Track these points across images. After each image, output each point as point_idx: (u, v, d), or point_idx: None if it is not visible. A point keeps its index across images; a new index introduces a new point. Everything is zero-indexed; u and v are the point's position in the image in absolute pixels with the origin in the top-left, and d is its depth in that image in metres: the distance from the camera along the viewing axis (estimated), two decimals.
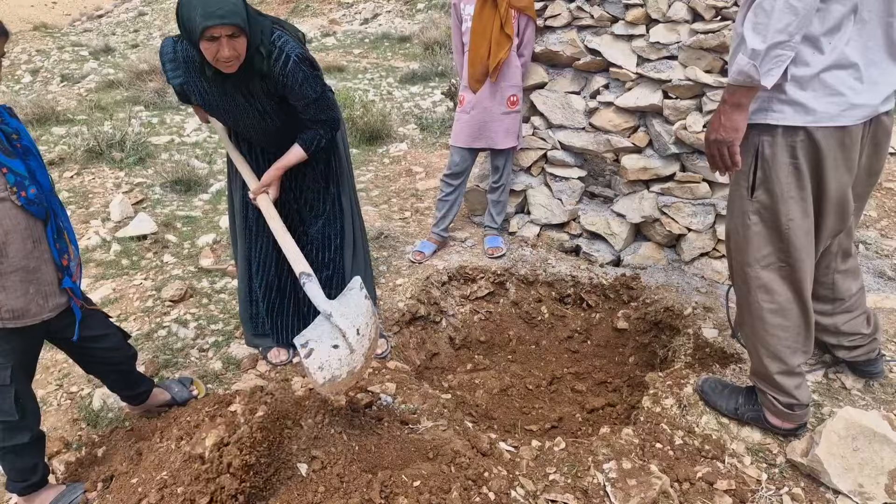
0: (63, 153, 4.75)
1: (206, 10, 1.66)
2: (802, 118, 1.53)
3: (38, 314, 1.57)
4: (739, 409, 1.95)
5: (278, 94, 1.97)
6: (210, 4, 1.67)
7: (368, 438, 1.79)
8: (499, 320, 3.11)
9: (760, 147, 1.60)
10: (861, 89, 1.51)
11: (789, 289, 1.73)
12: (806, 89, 1.51)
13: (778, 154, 1.58)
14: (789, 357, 1.77)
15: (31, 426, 1.65)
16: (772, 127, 1.58)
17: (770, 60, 1.42)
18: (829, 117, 1.52)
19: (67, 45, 12.14)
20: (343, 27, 16.02)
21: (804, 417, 1.84)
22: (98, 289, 2.93)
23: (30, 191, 1.52)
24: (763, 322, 1.76)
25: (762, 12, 1.39)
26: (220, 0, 1.69)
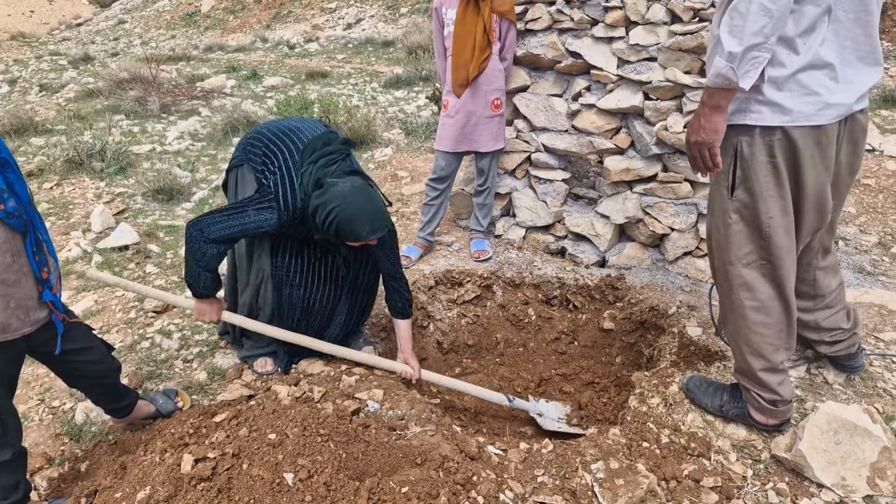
0: (42, 164, 4.69)
1: (375, 226, 1.97)
2: (779, 118, 1.55)
3: (18, 329, 1.55)
4: (724, 406, 1.96)
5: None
6: (376, 221, 1.97)
7: (355, 446, 1.78)
8: (486, 323, 3.12)
9: (739, 147, 1.62)
10: (836, 89, 1.53)
11: (771, 286, 1.75)
12: (782, 90, 1.53)
13: (756, 153, 1.60)
14: (772, 354, 1.79)
15: (12, 443, 1.62)
16: (749, 127, 1.59)
17: (747, 62, 1.44)
18: (805, 117, 1.54)
19: (46, 55, 12.00)
20: (326, 32, 16.00)
21: (788, 413, 1.86)
22: (80, 301, 2.89)
23: (8, 204, 1.49)
24: (745, 320, 1.78)
25: (738, 15, 1.41)
26: (381, 215, 2.00)
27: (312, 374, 2.38)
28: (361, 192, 1.98)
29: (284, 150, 2.10)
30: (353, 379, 2.34)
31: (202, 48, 14.25)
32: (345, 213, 1.92)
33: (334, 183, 1.97)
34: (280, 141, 2.13)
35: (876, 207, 3.83)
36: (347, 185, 1.97)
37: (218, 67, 10.67)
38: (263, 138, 2.17)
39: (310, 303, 2.31)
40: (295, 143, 2.11)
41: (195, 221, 2.00)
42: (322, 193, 1.95)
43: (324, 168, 2.03)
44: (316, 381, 2.32)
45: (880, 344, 2.30)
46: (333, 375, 2.37)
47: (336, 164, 2.06)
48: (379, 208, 2.01)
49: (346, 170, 2.08)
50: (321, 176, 2.01)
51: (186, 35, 20.07)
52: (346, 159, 2.13)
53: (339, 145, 2.15)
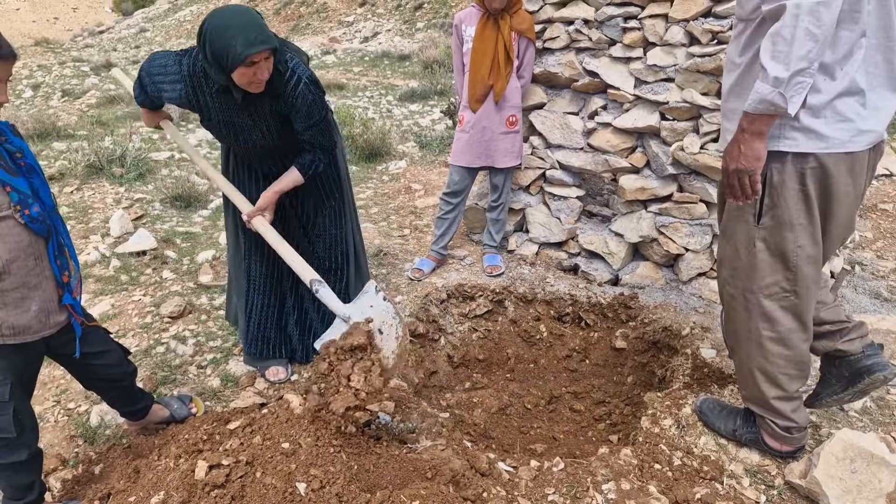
0: (63, 168, 4.77)
1: (248, 38, 1.75)
2: (815, 144, 1.54)
3: (38, 331, 1.58)
4: (738, 430, 1.95)
5: (284, 113, 2.01)
6: (250, 32, 1.76)
7: (367, 458, 1.79)
8: (497, 339, 3.11)
9: (769, 174, 1.60)
10: (866, 115, 1.54)
11: (792, 319, 1.72)
12: (819, 116, 1.52)
13: (787, 181, 1.59)
14: (787, 383, 1.77)
15: (29, 443, 1.65)
16: (782, 154, 1.58)
17: (793, 87, 1.42)
18: (841, 143, 1.54)
19: (69, 61, 12.25)
20: (343, 45, 16.21)
21: (802, 440, 1.84)
22: (97, 304, 2.93)
23: (33, 209, 1.53)
24: (762, 349, 1.76)
25: (782, 40, 1.39)
26: (257, 28, 1.78)
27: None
28: (235, 7, 1.84)
29: None
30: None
31: None
32: (214, 24, 1.78)
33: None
34: None
35: (893, 233, 3.80)
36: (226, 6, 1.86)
37: None
38: None
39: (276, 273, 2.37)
40: None
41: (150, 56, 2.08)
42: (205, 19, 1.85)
43: None
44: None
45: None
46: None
47: None
48: (254, 20, 1.80)
49: None
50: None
51: None
52: None
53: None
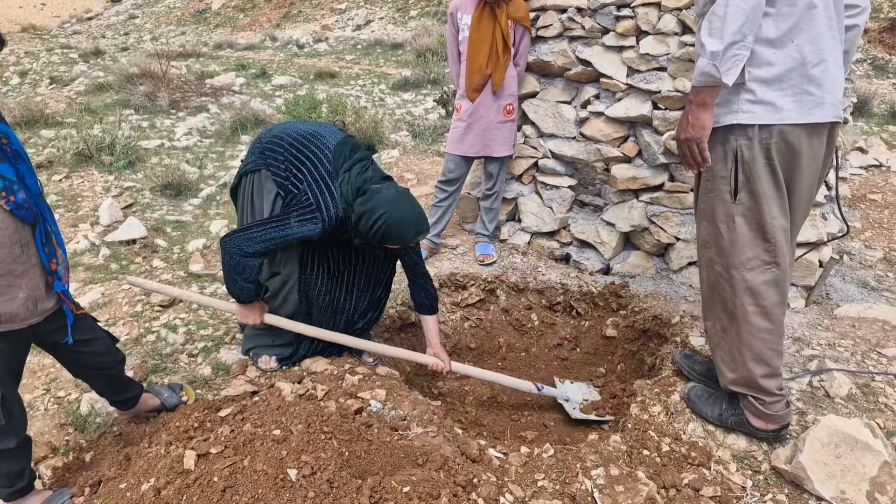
0: (52, 156, 4.72)
1: (420, 229, 2.04)
2: (773, 116, 1.60)
3: (26, 318, 1.57)
4: (723, 414, 1.98)
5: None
6: (421, 224, 2.04)
7: (358, 444, 1.80)
8: (489, 327, 3.13)
9: (739, 151, 1.67)
10: (820, 86, 1.60)
11: (775, 292, 1.77)
12: (773, 88, 1.59)
13: (756, 156, 1.65)
14: (773, 359, 1.81)
15: (17, 431, 1.64)
16: (746, 127, 1.64)
17: (728, 60, 1.53)
18: (798, 115, 1.60)
19: (56, 48, 12.07)
20: (335, 33, 16.06)
21: (787, 417, 1.87)
22: (87, 293, 2.91)
23: (19, 195, 1.51)
24: (749, 325, 1.80)
25: (716, 18, 1.52)
26: (425, 218, 2.07)
27: (316, 371, 2.39)
28: (406, 198, 2.03)
29: (312, 158, 2.08)
30: (356, 378, 2.35)
31: (212, 45, 14.32)
32: (392, 218, 1.96)
33: (378, 190, 2.00)
34: (304, 147, 2.11)
35: (882, 223, 3.83)
36: (392, 191, 2.01)
37: (227, 65, 10.72)
38: (284, 143, 2.14)
39: (335, 304, 2.35)
40: (321, 150, 2.10)
41: (231, 237, 2.00)
42: (367, 200, 1.98)
43: (360, 175, 2.05)
44: (319, 379, 2.33)
45: (883, 360, 2.30)
46: (336, 374, 2.38)
47: (368, 170, 2.09)
48: (422, 213, 2.06)
49: (381, 175, 2.12)
50: (360, 183, 2.03)
51: (196, 32, 20.16)
52: (373, 164, 2.16)
53: (366, 151, 2.18)
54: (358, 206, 1.99)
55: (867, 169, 4.94)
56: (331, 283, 2.31)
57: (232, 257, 1.99)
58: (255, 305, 2.17)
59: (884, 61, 9.57)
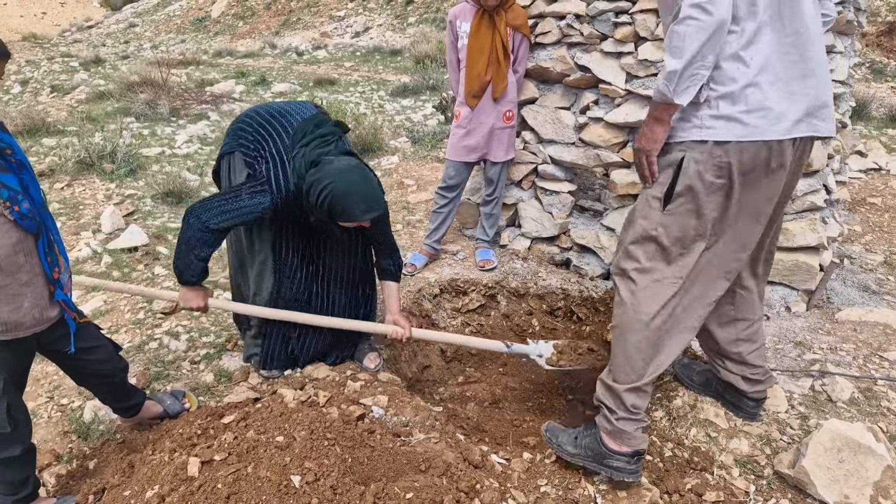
0: (53, 164, 4.74)
1: (369, 206, 1.95)
2: (734, 132, 1.54)
3: (31, 327, 1.57)
4: (578, 436, 1.89)
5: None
6: (371, 200, 1.95)
7: (361, 451, 1.80)
8: (490, 333, 3.13)
9: (683, 162, 1.60)
10: (781, 102, 1.54)
11: (674, 308, 1.68)
12: (736, 103, 1.54)
13: (701, 170, 1.58)
14: (640, 373, 1.73)
15: (22, 438, 1.65)
16: (701, 143, 1.57)
17: (686, 80, 1.50)
18: (760, 131, 1.54)
19: (57, 56, 12.13)
20: (334, 40, 16.13)
21: (641, 444, 1.77)
22: (89, 301, 2.92)
23: (23, 205, 1.52)
24: (634, 333, 1.72)
25: (677, 36, 1.48)
26: (375, 195, 1.98)
27: (318, 378, 2.40)
28: (357, 171, 1.96)
29: (275, 135, 2.08)
30: (357, 385, 2.35)
31: (211, 53, 14.38)
32: (338, 189, 1.89)
33: (330, 161, 1.95)
34: (270, 126, 2.11)
35: (882, 226, 3.84)
36: (343, 162, 1.96)
37: (227, 72, 10.77)
38: (254, 122, 2.15)
39: (310, 296, 2.33)
40: (285, 128, 2.09)
41: (193, 208, 2.00)
42: (317, 171, 1.93)
43: (317, 149, 2.01)
44: (321, 385, 2.33)
45: (885, 363, 2.30)
46: (338, 380, 2.38)
47: (329, 145, 2.04)
48: (374, 188, 1.98)
49: (342, 150, 2.07)
50: (315, 157, 1.99)
51: (196, 40, 20.26)
52: (339, 141, 2.11)
53: (332, 127, 2.12)
54: (309, 177, 1.95)
55: (866, 172, 4.95)
56: (305, 274, 2.28)
57: (190, 228, 1.97)
58: (198, 290, 2.13)
59: (882, 65, 9.61)
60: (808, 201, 2.67)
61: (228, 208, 1.98)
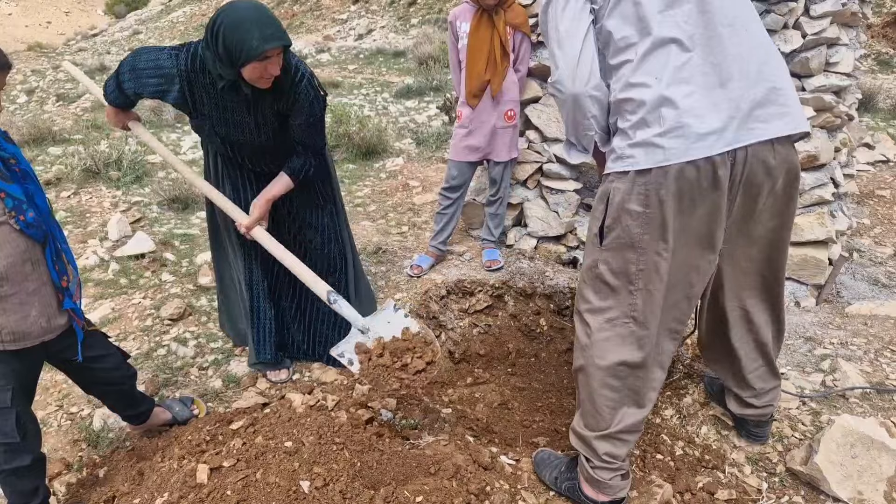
0: (60, 173, 4.76)
1: (264, 33, 1.75)
2: (653, 158, 1.42)
3: (39, 336, 1.58)
4: (559, 477, 1.83)
5: (284, 111, 2.01)
6: (265, 27, 1.77)
7: (370, 454, 1.79)
8: (498, 333, 3.12)
9: (611, 195, 1.51)
10: (708, 115, 1.39)
11: (630, 349, 1.58)
12: (651, 126, 1.42)
13: (627, 201, 1.47)
14: (608, 420, 1.65)
15: (32, 448, 1.65)
16: (622, 173, 1.48)
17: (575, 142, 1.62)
18: (680, 152, 1.39)
19: (62, 65, 12.18)
20: (337, 43, 16.15)
21: (620, 492, 1.70)
22: (97, 308, 2.93)
23: (28, 214, 1.53)
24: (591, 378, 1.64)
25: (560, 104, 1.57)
26: (271, 22, 1.80)
27: (326, 382, 2.40)
28: (251, 2, 1.83)
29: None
30: (366, 388, 2.35)
31: None
32: (229, 18, 1.77)
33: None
34: None
35: (891, 219, 3.80)
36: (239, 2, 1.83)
37: None
38: None
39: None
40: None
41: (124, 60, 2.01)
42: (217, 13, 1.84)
43: None
44: (329, 389, 2.33)
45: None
46: (347, 384, 2.38)
47: None
48: (269, 15, 1.81)
49: None
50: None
51: None
52: None
53: None
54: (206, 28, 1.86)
55: (874, 165, 4.90)
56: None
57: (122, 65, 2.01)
58: (120, 112, 2.17)
59: (888, 56, 9.52)
60: (816, 195, 2.65)
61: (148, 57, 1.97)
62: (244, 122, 2.03)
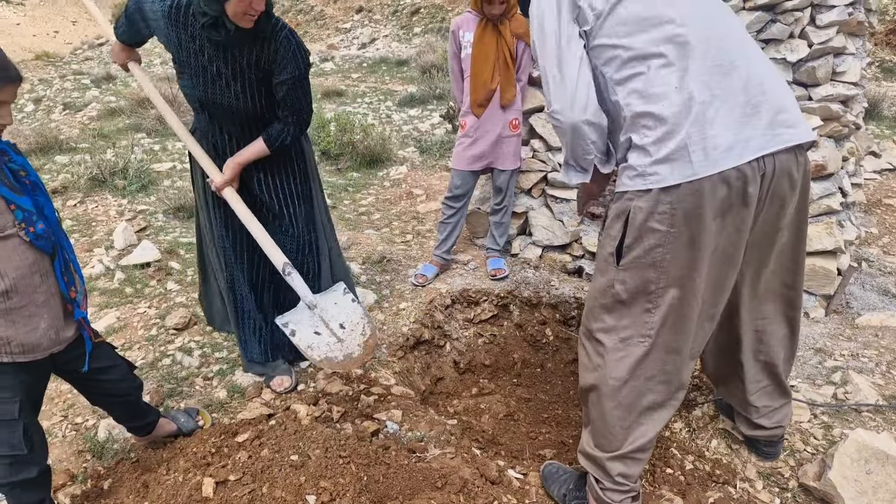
0: (66, 181, 4.78)
1: None
2: (681, 173, 1.37)
3: (48, 348, 1.58)
4: (567, 495, 1.80)
5: (264, 67, 1.99)
6: None
7: (376, 468, 1.78)
8: (503, 343, 3.10)
9: (631, 213, 1.47)
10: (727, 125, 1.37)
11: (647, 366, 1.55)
12: (673, 139, 1.37)
13: (650, 220, 1.43)
14: (621, 440, 1.62)
15: (38, 460, 1.64)
16: (644, 192, 1.43)
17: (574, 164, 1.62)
18: (710, 164, 1.35)
19: (69, 74, 12.28)
20: (341, 52, 16.24)
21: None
22: (102, 318, 2.92)
23: (38, 226, 1.53)
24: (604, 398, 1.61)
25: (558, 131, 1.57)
26: None
27: (331, 392, 2.39)
28: None
29: None
30: (371, 399, 2.34)
31: None
32: None
33: None
34: None
35: None
36: None
37: None
38: None
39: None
40: None
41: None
42: None
43: None
44: (335, 400, 2.32)
45: None
46: (352, 395, 2.37)
47: None
48: None
49: None
50: None
51: None
52: None
53: None
54: None
55: (881, 173, 4.88)
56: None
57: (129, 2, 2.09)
58: (125, 49, 2.21)
59: (892, 63, 9.51)
60: (824, 205, 2.63)
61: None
62: (224, 75, 1.99)
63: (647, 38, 1.42)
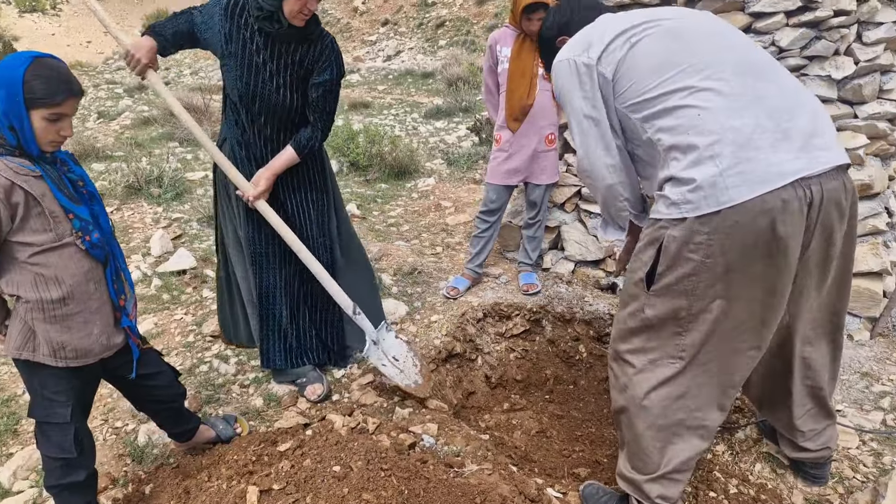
0: (103, 189, 4.89)
1: None
2: (716, 200, 1.33)
3: (99, 353, 1.61)
4: None
5: (307, 66, 2.13)
6: None
7: (416, 482, 1.77)
8: (535, 359, 3.08)
9: (665, 241, 1.45)
10: (769, 145, 1.34)
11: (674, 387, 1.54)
12: (708, 165, 1.34)
13: (684, 249, 1.41)
14: (656, 461, 1.61)
15: (87, 464, 1.67)
16: (679, 220, 1.41)
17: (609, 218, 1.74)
18: (749, 187, 1.31)
19: (102, 83, 12.62)
20: (367, 64, 16.45)
21: None
22: (141, 324, 2.97)
23: (93, 235, 1.57)
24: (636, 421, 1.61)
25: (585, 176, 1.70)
26: None
27: (366, 404, 2.39)
28: None
29: None
30: (405, 411, 2.34)
31: None
32: None
33: None
34: None
35: None
36: None
37: None
38: None
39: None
40: None
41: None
42: None
43: None
44: (369, 411, 2.32)
45: None
46: (386, 407, 2.37)
47: None
48: None
49: None
50: None
51: None
52: None
53: None
54: None
55: None
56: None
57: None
58: (146, 40, 2.13)
59: None
60: (870, 225, 2.58)
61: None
62: (266, 69, 2.08)
63: (668, 77, 1.45)
